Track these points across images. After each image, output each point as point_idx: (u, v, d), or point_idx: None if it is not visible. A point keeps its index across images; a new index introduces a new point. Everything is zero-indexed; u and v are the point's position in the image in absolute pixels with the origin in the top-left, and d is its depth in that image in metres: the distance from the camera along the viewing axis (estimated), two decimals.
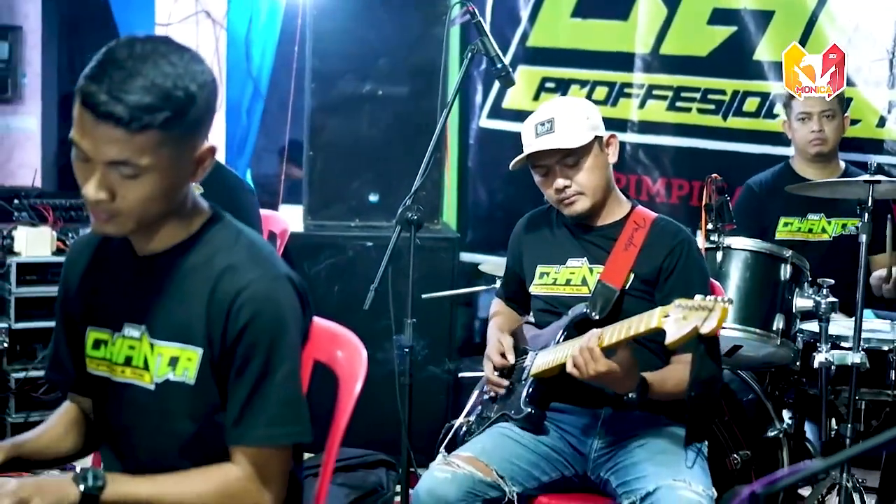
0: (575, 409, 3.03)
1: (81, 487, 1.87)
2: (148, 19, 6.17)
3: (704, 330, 2.47)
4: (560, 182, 3.04)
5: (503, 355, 3.13)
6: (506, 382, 3.11)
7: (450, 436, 3.24)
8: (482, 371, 3.22)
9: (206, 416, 1.99)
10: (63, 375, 2.18)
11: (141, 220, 1.94)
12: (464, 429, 3.23)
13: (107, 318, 2.06)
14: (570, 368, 2.77)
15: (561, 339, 2.98)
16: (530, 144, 3.08)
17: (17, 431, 3.45)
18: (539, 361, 3.00)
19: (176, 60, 1.87)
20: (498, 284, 3.70)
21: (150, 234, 2.00)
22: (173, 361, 1.98)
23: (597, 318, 2.94)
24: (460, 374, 4.36)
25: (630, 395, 2.80)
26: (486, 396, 3.20)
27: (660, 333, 2.59)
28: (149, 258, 2.03)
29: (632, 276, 3.00)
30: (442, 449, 3.04)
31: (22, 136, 6.53)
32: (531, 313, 3.23)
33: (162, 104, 1.83)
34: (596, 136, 3.06)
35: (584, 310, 2.97)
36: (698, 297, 2.54)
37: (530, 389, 3.01)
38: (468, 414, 3.32)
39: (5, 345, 5.27)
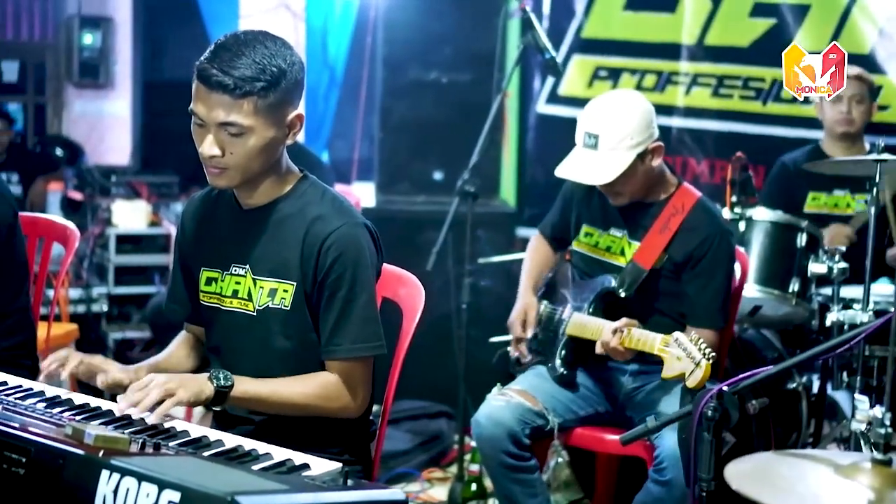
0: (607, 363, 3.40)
1: (215, 384, 2.30)
2: (232, 12, 6.57)
3: (689, 384, 2.84)
4: (600, 189, 3.36)
5: (524, 325, 3.49)
6: (528, 356, 3.49)
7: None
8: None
9: (299, 335, 2.42)
10: (180, 306, 2.64)
11: (246, 173, 2.37)
12: (515, 355, 3.56)
13: (217, 261, 2.50)
14: (598, 351, 3.18)
15: (590, 311, 3.34)
16: (575, 151, 3.32)
17: None
18: (573, 324, 3.36)
19: (270, 45, 2.35)
20: None
21: (252, 190, 2.44)
22: (272, 293, 2.41)
23: (623, 295, 3.31)
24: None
25: None
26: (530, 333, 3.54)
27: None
28: (252, 210, 2.47)
29: (665, 256, 3.33)
30: (497, 384, 3.44)
31: (113, 120, 7.00)
32: (570, 261, 3.56)
33: (259, 76, 2.30)
34: (637, 154, 3.24)
35: (612, 284, 3.32)
36: (693, 334, 2.93)
37: (563, 352, 3.38)
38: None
39: (104, 308, 5.80)
